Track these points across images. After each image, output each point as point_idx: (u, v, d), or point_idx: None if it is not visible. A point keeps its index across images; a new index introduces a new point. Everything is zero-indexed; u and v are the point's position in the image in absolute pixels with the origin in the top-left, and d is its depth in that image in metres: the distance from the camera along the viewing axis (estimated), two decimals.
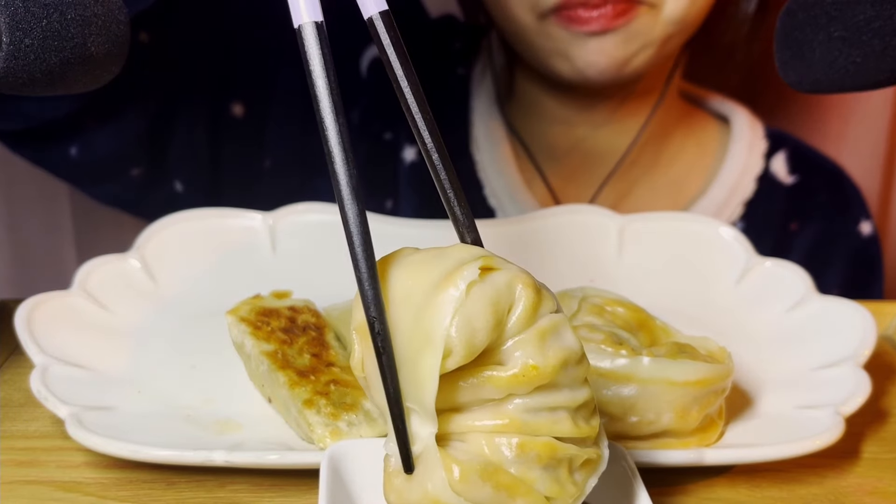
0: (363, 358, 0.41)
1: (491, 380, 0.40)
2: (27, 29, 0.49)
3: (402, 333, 0.40)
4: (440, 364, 0.38)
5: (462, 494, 0.39)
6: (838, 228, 0.98)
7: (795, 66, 0.60)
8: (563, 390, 0.41)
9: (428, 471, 0.39)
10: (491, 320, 0.40)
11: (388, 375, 0.39)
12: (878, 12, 0.56)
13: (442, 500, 0.39)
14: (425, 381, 0.39)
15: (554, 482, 0.41)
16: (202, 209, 0.71)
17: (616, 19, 0.79)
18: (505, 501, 0.40)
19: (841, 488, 0.53)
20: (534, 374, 0.40)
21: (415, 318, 0.40)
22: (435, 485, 0.39)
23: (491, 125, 0.96)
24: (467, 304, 0.39)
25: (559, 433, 0.41)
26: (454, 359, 0.39)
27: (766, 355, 0.61)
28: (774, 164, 0.97)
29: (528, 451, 0.40)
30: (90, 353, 0.59)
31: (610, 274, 0.70)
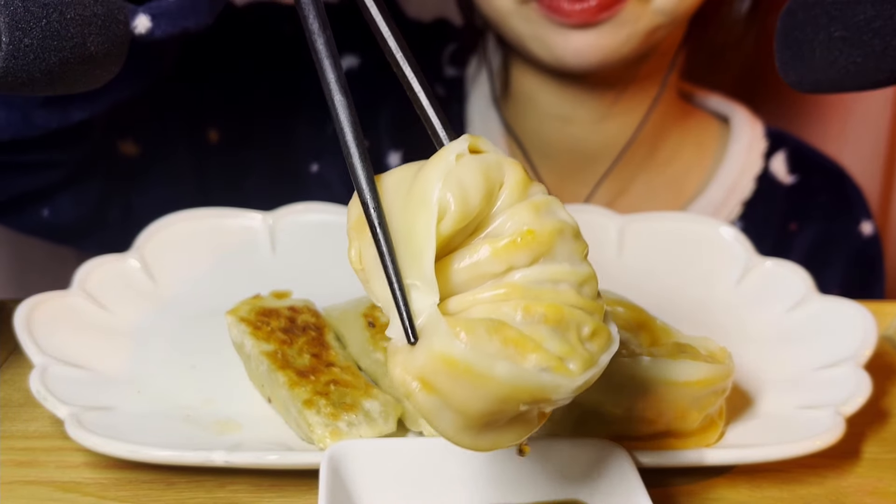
0: (360, 250, 0.41)
1: (488, 250, 0.39)
2: (27, 28, 0.49)
3: (396, 213, 0.40)
4: (435, 225, 0.38)
5: (469, 346, 0.37)
6: (838, 228, 0.97)
7: (796, 66, 0.60)
8: (564, 262, 0.40)
9: (433, 334, 0.38)
10: (482, 186, 0.39)
11: (384, 248, 0.39)
12: (878, 12, 0.56)
13: (449, 354, 0.37)
14: (423, 246, 0.38)
15: (564, 343, 0.39)
16: (201, 209, 0.71)
17: (600, 13, 0.77)
18: (516, 357, 0.38)
19: (841, 488, 0.53)
20: (530, 238, 0.39)
21: (407, 194, 0.39)
22: (441, 341, 0.37)
23: (487, 125, 0.96)
24: (458, 169, 0.39)
25: (565, 302, 0.39)
26: (449, 219, 0.38)
27: (767, 355, 0.61)
28: (774, 164, 0.96)
29: (533, 312, 0.39)
30: (90, 353, 0.58)
31: (610, 274, 0.70)
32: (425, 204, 0.38)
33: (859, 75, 0.57)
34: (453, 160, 0.39)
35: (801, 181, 0.97)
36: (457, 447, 0.41)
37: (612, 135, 0.93)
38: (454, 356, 0.37)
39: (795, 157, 0.98)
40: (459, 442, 0.40)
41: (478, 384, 0.38)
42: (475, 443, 0.41)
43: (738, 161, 0.95)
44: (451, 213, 0.38)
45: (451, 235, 0.39)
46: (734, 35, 0.94)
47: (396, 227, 0.40)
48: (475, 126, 0.97)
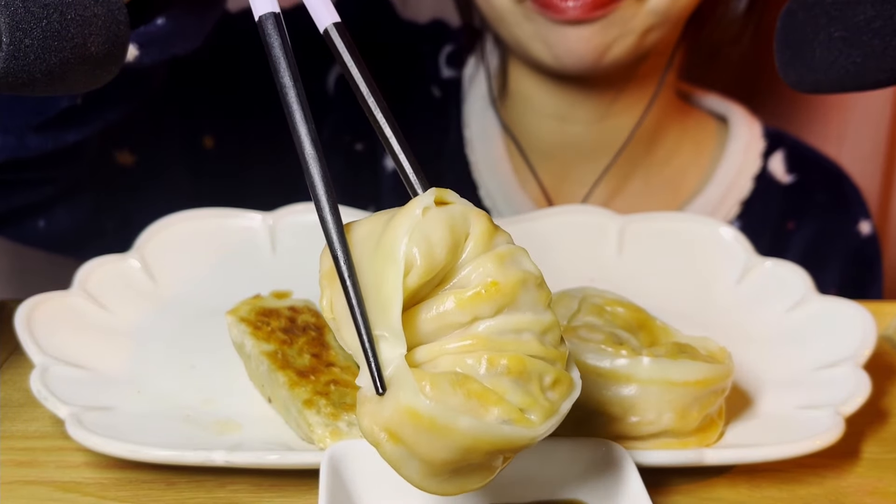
0: (332, 299, 0.42)
1: (454, 302, 0.40)
2: (27, 29, 0.49)
3: (365, 264, 0.41)
4: (402, 279, 0.39)
5: (434, 400, 0.39)
6: (836, 228, 0.98)
7: (796, 67, 0.60)
8: (527, 312, 0.42)
9: (399, 387, 0.39)
10: (448, 239, 0.40)
11: (353, 301, 0.40)
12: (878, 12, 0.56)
13: (414, 408, 0.39)
14: (390, 298, 0.39)
15: (526, 394, 0.41)
16: (202, 209, 0.71)
17: (594, 10, 0.78)
18: (478, 410, 0.39)
19: (841, 488, 0.53)
20: (494, 289, 0.41)
21: (375, 247, 0.41)
22: (407, 394, 0.39)
23: (485, 125, 0.96)
24: (424, 223, 0.40)
25: (527, 352, 0.41)
26: (415, 273, 0.40)
27: (766, 355, 0.62)
28: (772, 164, 0.97)
29: (496, 364, 0.40)
30: (90, 353, 0.59)
31: (610, 274, 0.70)
32: (392, 259, 0.40)
33: (859, 75, 0.57)
34: (419, 214, 0.40)
35: (798, 180, 0.97)
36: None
37: (610, 134, 0.93)
38: (419, 410, 0.39)
39: (793, 157, 0.98)
40: (426, 488, 0.42)
41: (442, 436, 0.39)
42: (442, 488, 0.42)
43: (735, 160, 0.95)
44: (417, 268, 0.40)
45: (417, 288, 0.40)
46: (731, 33, 0.93)
47: (366, 279, 0.41)
48: (473, 127, 0.97)
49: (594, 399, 0.52)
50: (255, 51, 0.55)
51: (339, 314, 0.42)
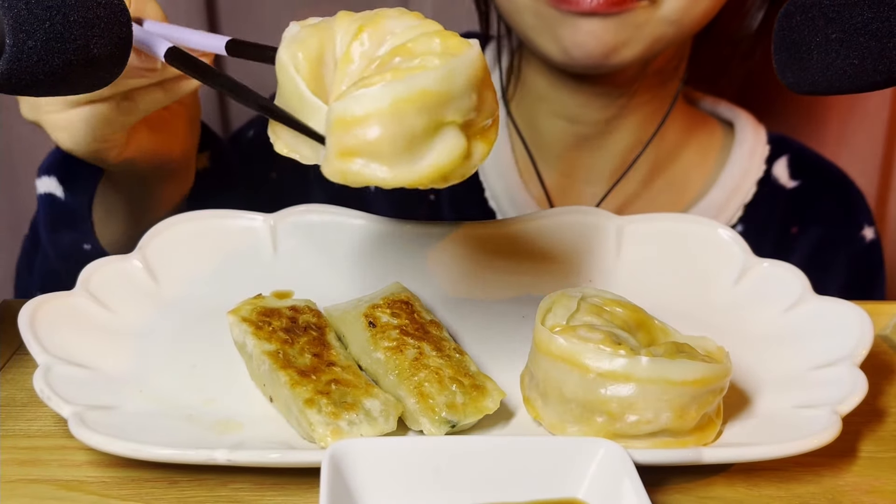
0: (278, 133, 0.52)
1: (346, 68, 0.50)
2: (30, 31, 0.49)
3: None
4: (296, 74, 0.49)
5: (351, 98, 0.46)
6: (840, 234, 0.98)
7: (793, 68, 0.60)
8: (398, 32, 0.50)
9: (330, 124, 0.47)
10: (316, 30, 0.50)
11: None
12: (875, 14, 0.56)
13: (343, 116, 0.46)
14: (297, 86, 0.49)
15: (423, 46, 0.49)
16: (203, 210, 0.71)
17: (609, 7, 0.78)
18: (397, 74, 0.47)
19: (838, 487, 0.54)
20: (373, 30, 0.50)
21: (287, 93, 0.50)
22: (337, 112, 0.46)
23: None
24: (294, 37, 0.50)
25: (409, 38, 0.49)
26: (302, 63, 0.49)
27: (764, 355, 0.62)
28: (776, 169, 0.97)
29: (396, 53, 0.48)
30: (93, 352, 0.59)
31: (609, 274, 0.71)
32: (284, 70, 0.49)
33: (856, 77, 0.57)
34: (287, 35, 0.50)
35: (803, 186, 0.97)
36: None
37: (619, 142, 0.93)
38: (348, 115, 0.46)
39: (798, 162, 0.98)
40: (400, 178, 0.47)
41: (383, 121, 0.46)
42: (413, 172, 0.47)
43: (740, 165, 0.95)
44: (300, 59, 0.48)
45: (311, 73, 0.49)
46: (743, 49, 0.94)
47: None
48: None
49: (593, 398, 0.52)
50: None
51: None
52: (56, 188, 0.82)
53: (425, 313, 0.62)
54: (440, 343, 0.59)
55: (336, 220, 0.71)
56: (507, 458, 0.50)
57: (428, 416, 0.54)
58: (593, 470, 0.50)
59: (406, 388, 0.55)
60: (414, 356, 0.57)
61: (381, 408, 0.54)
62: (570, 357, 0.53)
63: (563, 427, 0.54)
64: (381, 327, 0.59)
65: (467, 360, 0.58)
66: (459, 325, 0.64)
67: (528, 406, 0.56)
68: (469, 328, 0.64)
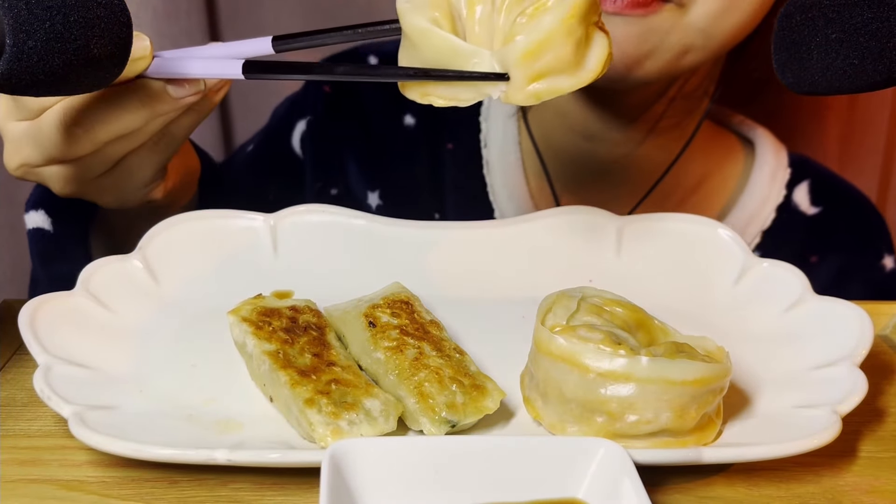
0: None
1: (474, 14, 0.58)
2: (30, 31, 0.49)
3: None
4: (442, 32, 0.57)
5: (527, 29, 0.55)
6: (860, 262, 0.95)
7: (793, 68, 0.60)
8: None
9: (509, 58, 0.56)
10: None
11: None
12: (875, 14, 0.56)
13: (527, 48, 0.54)
14: (453, 44, 0.57)
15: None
16: (203, 210, 0.71)
17: (634, 8, 0.74)
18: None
19: (838, 487, 0.54)
20: None
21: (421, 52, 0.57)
22: (518, 49, 0.55)
23: (505, 146, 0.93)
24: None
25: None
26: (442, 20, 0.57)
27: (764, 355, 0.62)
28: (797, 195, 0.94)
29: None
30: (93, 352, 0.59)
31: (609, 274, 0.71)
32: (430, 33, 0.56)
33: (856, 77, 0.58)
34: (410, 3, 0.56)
35: (823, 213, 0.94)
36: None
37: (639, 165, 0.90)
38: (532, 45, 0.54)
39: (819, 188, 0.95)
40: (582, 80, 0.56)
41: (560, 40, 0.54)
42: (587, 72, 0.56)
43: (760, 191, 0.93)
44: (440, 18, 0.55)
45: (452, 26, 0.56)
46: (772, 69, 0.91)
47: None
48: (492, 148, 0.94)
49: (592, 398, 0.52)
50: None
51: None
52: (44, 222, 0.82)
53: (425, 313, 0.62)
54: (440, 343, 0.59)
55: (336, 220, 0.71)
56: (507, 458, 0.50)
57: (428, 416, 0.54)
58: (593, 470, 0.50)
59: (406, 387, 0.55)
60: (414, 356, 0.57)
61: (381, 408, 0.54)
62: (570, 357, 0.53)
63: (563, 427, 0.54)
64: (381, 327, 0.59)
65: (467, 360, 0.58)
66: (459, 325, 0.64)
67: (528, 406, 0.56)
68: (469, 328, 0.65)
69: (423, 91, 0.58)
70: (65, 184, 0.67)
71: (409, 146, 0.96)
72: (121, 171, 0.67)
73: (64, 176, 0.66)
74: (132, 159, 0.66)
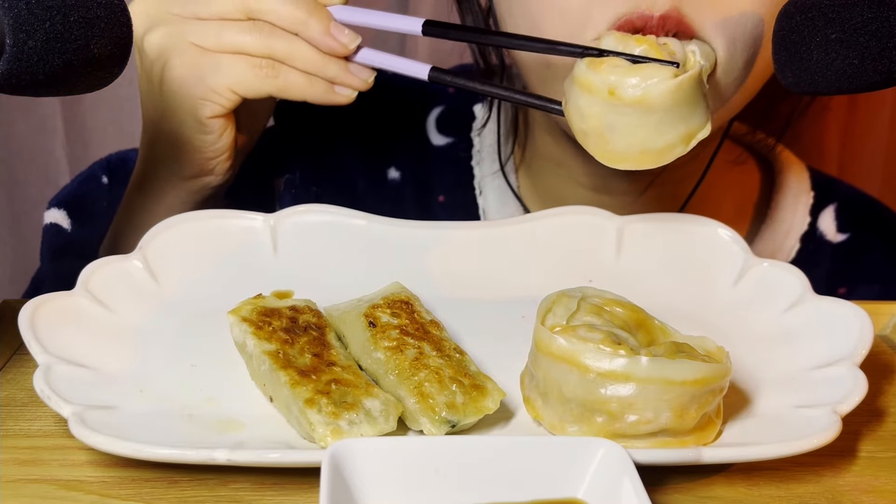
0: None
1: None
2: (30, 31, 0.49)
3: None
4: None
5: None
6: (891, 291, 0.88)
7: (793, 68, 0.60)
8: None
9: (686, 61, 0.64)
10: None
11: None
12: (875, 14, 0.56)
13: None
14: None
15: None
16: (203, 210, 0.71)
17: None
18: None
19: (838, 487, 0.54)
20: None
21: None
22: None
23: (502, 194, 0.88)
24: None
25: None
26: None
27: (764, 355, 0.62)
28: (822, 222, 0.88)
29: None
30: (93, 352, 0.59)
31: (609, 274, 0.71)
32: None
33: (856, 77, 0.58)
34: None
35: (851, 239, 0.88)
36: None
37: (649, 208, 0.80)
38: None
39: (846, 212, 0.88)
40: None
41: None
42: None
43: (783, 222, 0.87)
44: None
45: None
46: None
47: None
48: (489, 196, 0.88)
49: (593, 398, 0.52)
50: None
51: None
52: (63, 220, 0.82)
53: (425, 313, 0.62)
54: (440, 343, 0.59)
55: (336, 220, 0.71)
56: (507, 458, 0.50)
57: (428, 416, 0.54)
58: (593, 470, 0.50)
59: (406, 387, 0.55)
60: (414, 356, 0.57)
61: (381, 408, 0.54)
62: (570, 357, 0.53)
63: (563, 427, 0.54)
64: (381, 327, 0.59)
65: (467, 360, 0.58)
66: (459, 325, 0.64)
67: (528, 406, 0.56)
68: (469, 328, 0.64)
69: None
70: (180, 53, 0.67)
71: (396, 202, 0.90)
72: (228, 66, 0.67)
73: (181, 46, 0.67)
74: (243, 64, 0.66)
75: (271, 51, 0.68)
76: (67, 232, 0.82)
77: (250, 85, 0.69)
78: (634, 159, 0.64)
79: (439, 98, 0.93)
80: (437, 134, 0.92)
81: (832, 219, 0.89)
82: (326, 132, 0.91)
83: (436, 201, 0.91)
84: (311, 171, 0.91)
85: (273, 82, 0.69)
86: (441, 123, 0.92)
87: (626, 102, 0.61)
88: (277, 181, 0.92)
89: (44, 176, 1.23)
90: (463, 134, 0.91)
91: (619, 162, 0.64)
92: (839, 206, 0.89)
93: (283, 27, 0.68)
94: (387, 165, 0.91)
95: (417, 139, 0.92)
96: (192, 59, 0.69)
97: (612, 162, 0.64)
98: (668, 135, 0.63)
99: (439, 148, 0.91)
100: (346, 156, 0.91)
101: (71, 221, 0.82)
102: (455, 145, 0.91)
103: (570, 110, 0.65)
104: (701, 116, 0.64)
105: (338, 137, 0.91)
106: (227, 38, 0.68)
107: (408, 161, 0.91)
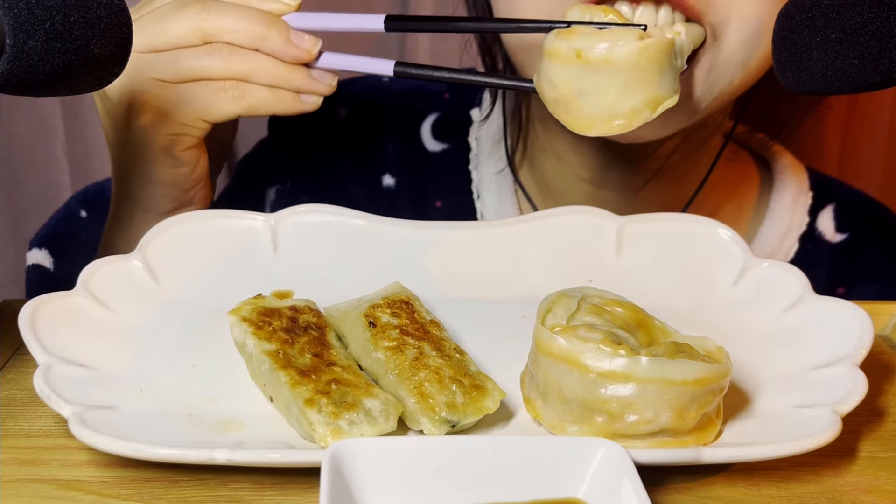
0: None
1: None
2: (30, 31, 0.49)
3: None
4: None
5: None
6: (889, 291, 0.88)
7: (793, 68, 0.60)
8: None
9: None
10: None
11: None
12: (875, 14, 0.56)
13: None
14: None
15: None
16: (203, 210, 0.71)
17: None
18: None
19: (838, 487, 0.54)
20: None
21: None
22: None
23: (501, 196, 0.89)
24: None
25: None
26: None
27: (764, 355, 0.62)
28: (821, 222, 0.88)
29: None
30: (93, 352, 0.59)
31: (609, 274, 0.71)
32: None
33: (856, 77, 0.58)
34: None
35: (849, 239, 0.88)
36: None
37: (650, 206, 0.82)
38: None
39: (845, 212, 0.89)
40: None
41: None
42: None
43: (781, 220, 0.87)
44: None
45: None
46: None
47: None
48: (486, 199, 0.89)
49: (593, 398, 0.52)
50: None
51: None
52: (45, 259, 0.81)
53: (425, 313, 0.62)
54: (440, 343, 0.59)
55: (336, 220, 0.71)
56: (507, 458, 0.50)
57: (428, 416, 0.54)
58: (593, 470, 0.50)
59: (406, 387, 0.55)
60: (414, 356, 0.57)
61: (381, 407, 0.54)
62: (570, 357, 0.53)
63: (563, 427, 0.54)
64: (381, 327, 0.59)
65: (467, 360, 0.58)
66: (459, 325, 0.64)
67: (528, 406, 0.56)
68: (469, 328, 0.65)
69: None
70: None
71: (391, 208, 0.89)
72: (194, 95, 0.65)
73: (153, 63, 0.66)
74: (208, 91, 0.65)
75: (233, 71, 0.67)
76: (50, 272, 0.82)
77: (219, 110, 0.68)
78: (603, 122, 0.65)
79: (434, 104, 0.93)
80: (432, 140, 0.92)
81: (831, 219, 0.89)
82: (320, 140, 0.91)
83: (433, 207, 0.91)
84: (303, 180, 0.91)
85: (241, 103, 0.68)
86: (437, 130, 0.92)
87: (593, 63, 0.63)
88: (268, 192, 0.92)
89: (44, 176, 1.23)
90: (459, 139, 0.92)
91: (589, 128, 0.65)
92: (838, 206, 0.90)
93: (242, 45, 0.66)
94: (381, 172, 0.91)
95: (412, 146, 0.92)
96: (156, 96, 0.68)
97: (582, 129, 0.65)
98: (635, 96, 0.64)
99: (435, 154, 0.92)
100: (340, 163, 0.91)
101: (53, 260, 0.81)
102: (451, 151, 0.91)
103: (542, 82, 0.66)
104: (668, 86, 0.65)
105: (331, 145, 0.91)
106: (186, 66, 0.67)
107: (402, 168, 0.91)
